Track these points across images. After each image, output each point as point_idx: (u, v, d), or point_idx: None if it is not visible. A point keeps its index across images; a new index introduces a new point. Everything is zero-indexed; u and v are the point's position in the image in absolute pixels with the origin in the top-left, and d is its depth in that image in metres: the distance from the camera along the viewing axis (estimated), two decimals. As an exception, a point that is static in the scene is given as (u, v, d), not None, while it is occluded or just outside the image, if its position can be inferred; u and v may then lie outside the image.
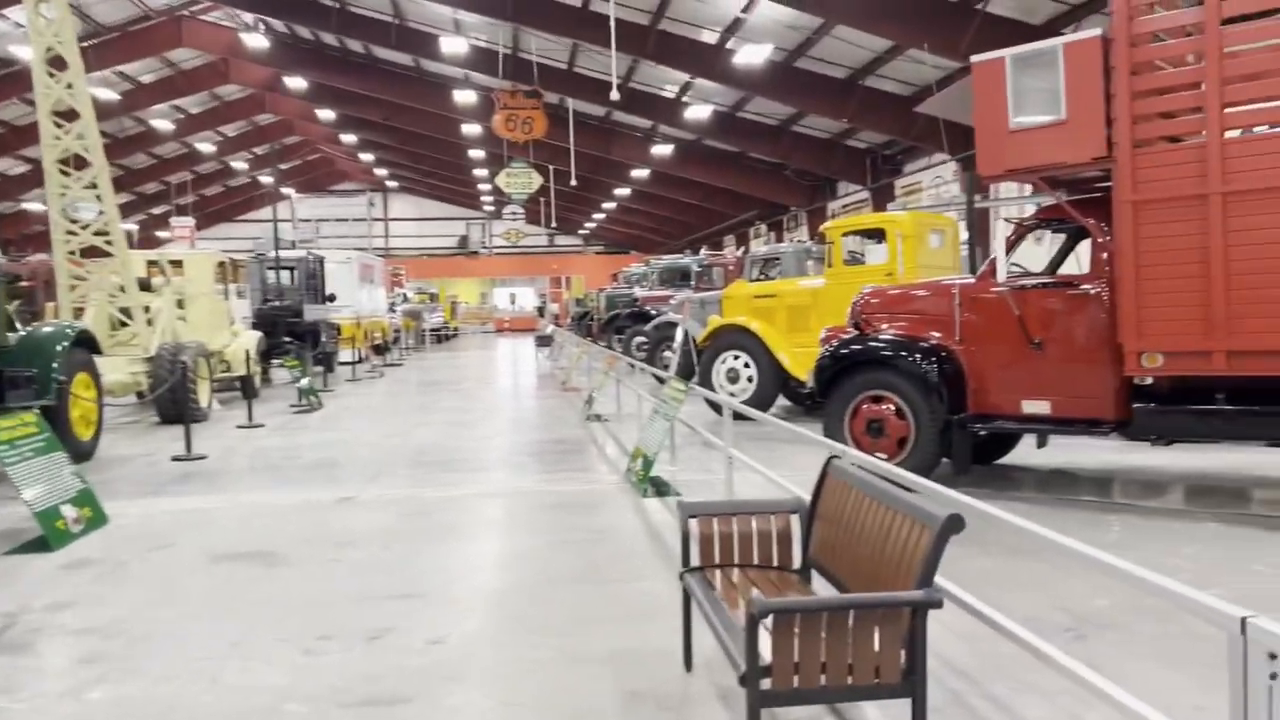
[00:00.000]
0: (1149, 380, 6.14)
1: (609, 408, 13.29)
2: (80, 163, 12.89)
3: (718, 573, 3.92)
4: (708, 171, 34.78)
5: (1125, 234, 6.07)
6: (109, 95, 33.29)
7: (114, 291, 13.45)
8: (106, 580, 5.63)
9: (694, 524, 4.00)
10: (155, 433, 12.42)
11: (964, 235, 13.60)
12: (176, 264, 16.15)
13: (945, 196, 26.06)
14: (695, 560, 3.98)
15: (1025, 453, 8.55)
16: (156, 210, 51.77)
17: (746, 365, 12.35)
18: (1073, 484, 7.75)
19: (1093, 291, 6.53)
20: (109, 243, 13.09)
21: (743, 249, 39.85)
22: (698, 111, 26.39)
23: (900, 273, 11.16)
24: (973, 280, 7.35)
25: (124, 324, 14.02)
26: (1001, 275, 6.63)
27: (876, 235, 11.75)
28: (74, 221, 12.90)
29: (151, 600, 5.22)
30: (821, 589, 3.82)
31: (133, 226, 50.15)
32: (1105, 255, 6.47)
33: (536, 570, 5.61)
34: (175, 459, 10.16)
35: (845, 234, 11.79)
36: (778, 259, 16.92)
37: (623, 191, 42.63)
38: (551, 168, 36.42)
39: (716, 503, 4.13)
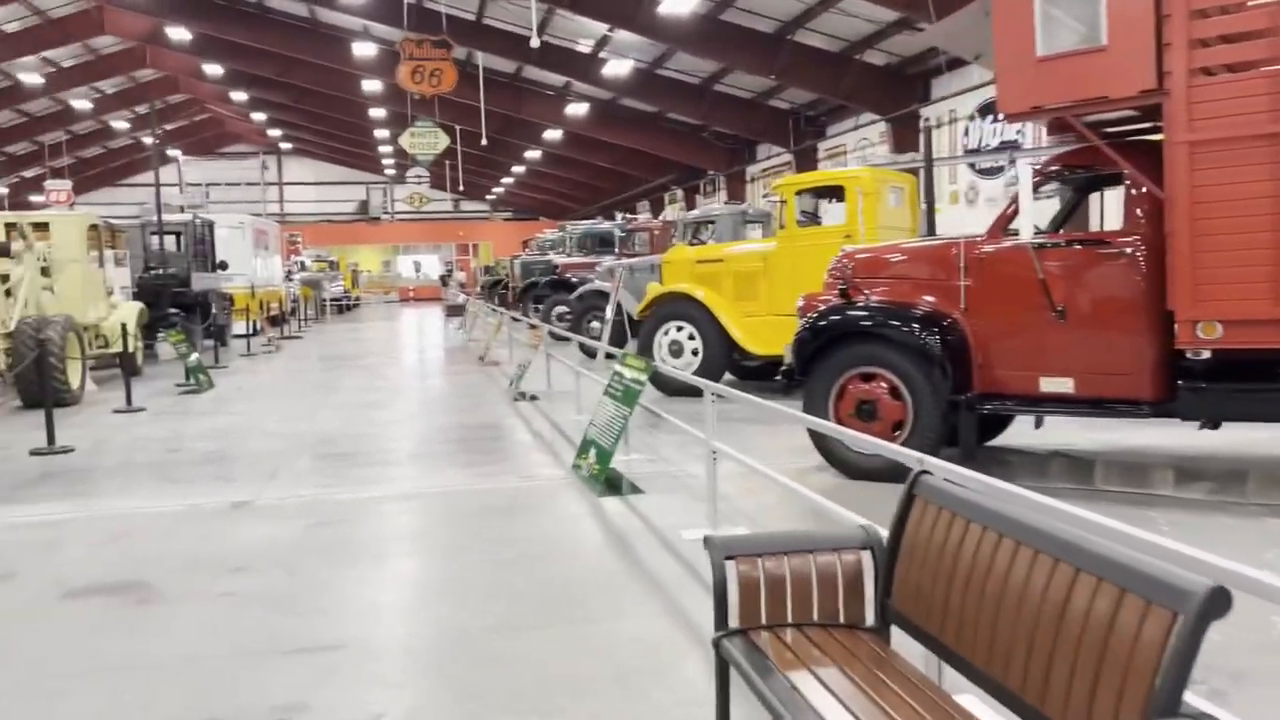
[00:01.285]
0: (1204, 354, 5.24)
1: (538, 384, 12.10)
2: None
3: (765, 635, 2.82)
4: (623, 133, 33.50)
5: (1179, 181, 5.14)
6: (-34, 44, 30.31)
7: (-38, 258, 11.63)
8: (-87, 634, 4.26)
9: (732, 567, 2.88)
10: (15, 420, 10.75)
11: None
12: (40, 227, 14.24)
13: (872, 160, 25.39)
14: (734, 616, 2.87)
15: (1015, 434, 7.70)
16: (28, 173, 48.05)
17: (691, 337, 11.28)
18: (1080, 470, 6.89)
19: (1130, 251, 5.61)
20: (-48, 200, 11.25)
21: (664, 213, 38.78)
22: (616, 67, 25.07)
23: (861, 233, 10.21)
24: (980, 237, 6.37)
25: (-22, 295, 12.20)
26: (1027, 231, 5.65)
27: (834, 193, 10.75)
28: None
29: (-29, 664, 3.89)
30: (905, 648, 2.77)
31: (1, 190, 46.47)
32: (1142, 209, 5.56)
33: (482, 605, 4.43)
34: (34, 453, 8.61)
35: (799, 192, 10.77)
36: (712, 222, 15.91)
37: (533, 154, 41.02)
38: (459, 128, 34.63)
39: (760, 538, 3.04)
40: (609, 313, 14.81)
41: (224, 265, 21.81)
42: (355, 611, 4.39)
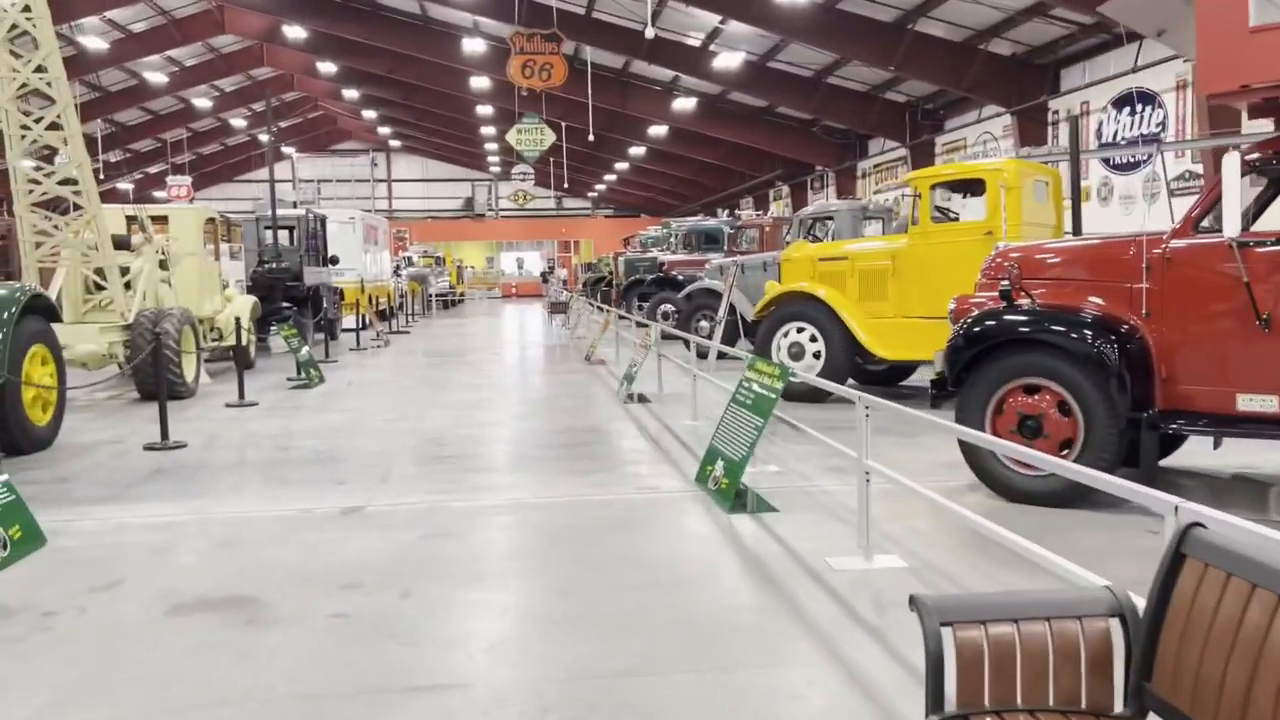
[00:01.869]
0: None
1: (649, 385, 11.66)
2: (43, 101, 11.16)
3: (993, 722, 2.28)
4: (729, 128, 32.89)
5: None
6: (98, 45, 31.48)
7: (87, 250, 11.76)
8: (12, 649, 4.01)
9: (949, 634, 2.34)
10: (132, 412, 10.81)
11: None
12: (160, 220, 14.43)
13: (990, 156, 24.23)
14: (950, 698, 2.33)
15: (1189, 453, 6.91)
16: (152, 169, 49.93)
17: (813, 339, 10.67)
18: (1263, 497, 6.10)
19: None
20: (78, 193, 11.38)
21: (770, 209, 38.02)
22: (727, 60, 24.48)
23: (1004, 230, 9.46)
24: (1162, 234, 5.64)
25: (100, 287, 12.37)
26: (1234, 227, 4.92)
27: (972, 187, 10.01)
28: (37, 169, 11.19)
29: (70, 688, 3.60)
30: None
31: (127, 186, 48.39)
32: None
33: (613, 642, 3.96)
34: (148, 447, 8.54)
35: (935, 185, 10.06)
36: (829, 218, 15.24)
37: (637, 151, 40.70)
38: (564, 124, 34.53)
39: (983, 601, 2.50)
40: (721, 312, 14.26)
41: (335, 260, 22.03)
42: (476, 645, 3.98)
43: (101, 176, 41.92)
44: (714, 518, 5.85)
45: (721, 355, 10.98)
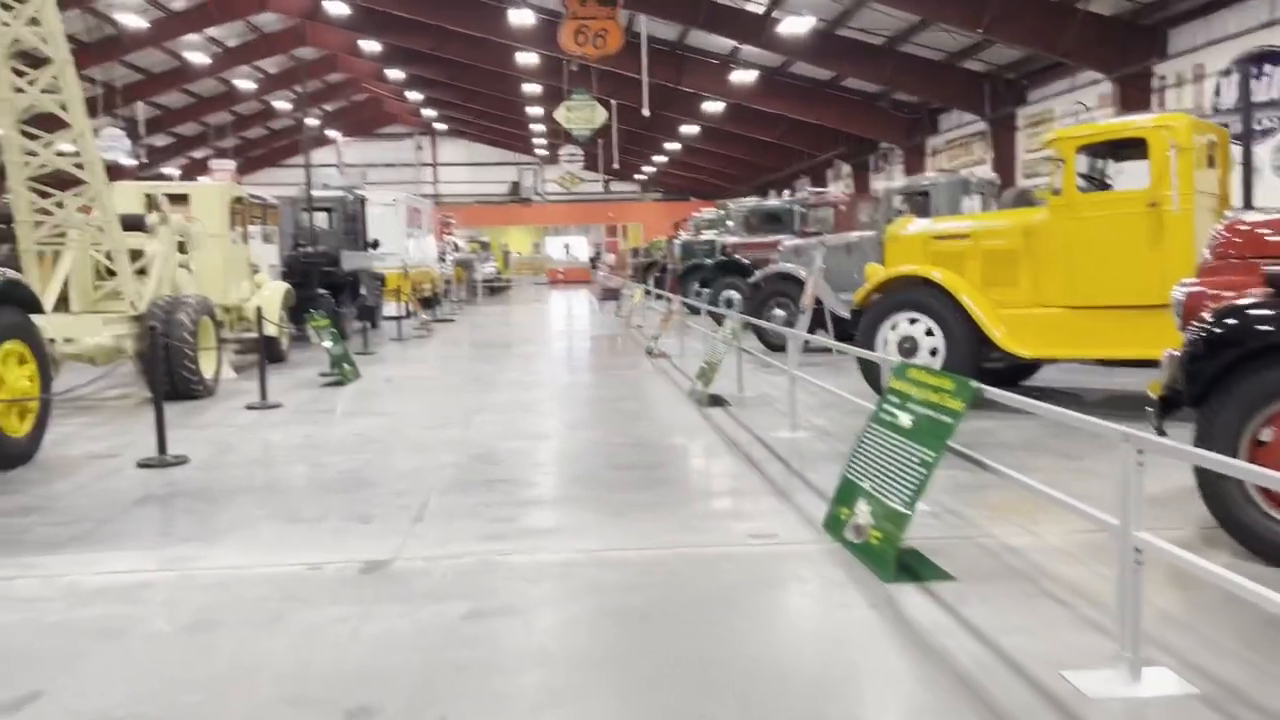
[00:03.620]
0: None
1: (726, 385, 10.07)
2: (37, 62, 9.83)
3: None
4: (789, 103, 31.06)
5: None
6: (139, 23, 30.49)
7: (95, 231, 10.41)
8: None
9: None
10: (139, 416, 9.43)
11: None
12: (179, 199, 13.10)
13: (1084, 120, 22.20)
14: None
15: None
16: (197, 154, 49.17)
17: (929, 332, 8.99)
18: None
19: None
20: (79, 165, 10.03)
21: (830, 188, 36.10)
22: (793, 26, 22.66)
23: (1174, 200, 7.71)
24: None
25: (111, 273, 11.05)
26: None
27: (1130, 148, 8.25)
28: (32, 138, 9.84)
29: None
30: None
31: (174, 171, 47.66)
32: None
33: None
34: (142, 464, 7.14)
35: (1082, 148, 8.31)
36: (924, 193, 13.52)
37: (689, 130, 38.97)
38: (615, 102, 32.91)
39: None
40: (805, 300, 12.62)
41: (376, 244, 20.68)
42: None
43: (144, 160, 41.19)
44: (866, 590, 4.24)
45: (811, 347, 9.31)
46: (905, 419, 4.66)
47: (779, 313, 14.58)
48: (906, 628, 3.82)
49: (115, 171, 30.52)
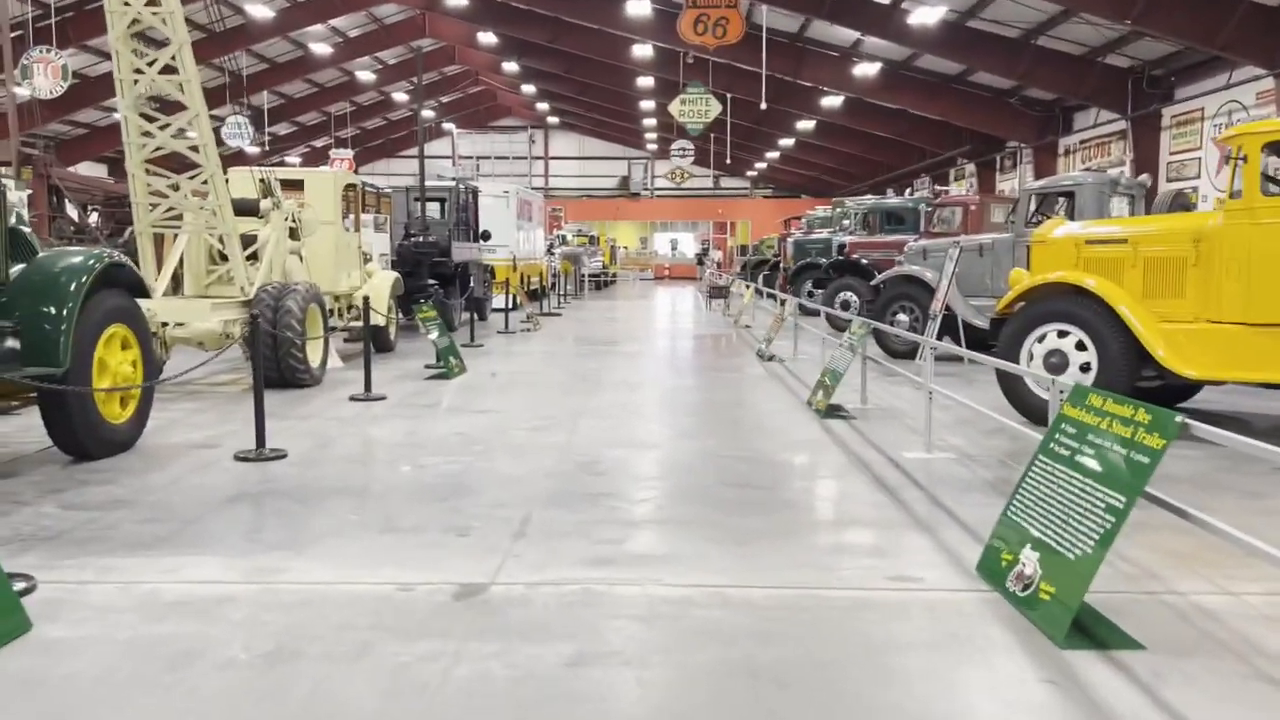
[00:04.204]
0: None
1: (847, 395, 9.40)
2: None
3: None
4: (913, 98, 29.84)
5: None
6: (265, 12, 31.16)
7: (210, 215, 10.35)
8: None
9: None
10: (243, 403, 9.26)
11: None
12: (293, 185, 13.05)
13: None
14: None
15: None
16: (317, 143, 50.40)
17: (1081, 346, 8.14)
18: None
19: None
20: (194, 149, 9.95)
21: (949, 188, 34.67)
22: (923, 16, 21.61)
23: (1384, 207, 6.72)
24: None
25: (225, 257, 11.01)
26: None
27: (1330, 146, 7.26)
28: (150, 120, 9.80)
29: None
30: None
31: (295, 159, 48.91)
32: None
33: None
34: (239, 457, 6.89)
35: (1270, 144, 7.35)
36: (1069, 194, 12.52)
37: (805, 125, 37.93)
38: (730, 95, 32.23)
39: None
40: (934, 305, 11.80)
41: (486, 235, 20.54)
42: None
43: (267, 148, 42.32)
44: (1039, 657, 3.57)
45: (951, 355, 8.58)
46: (1087, 455, 3.96)
47: (902, 317, 13.76)
48: (1096, 712, 3.15)
49: (237, 158, 31.41)
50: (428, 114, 53.00)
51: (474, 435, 7.90)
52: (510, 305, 20.19)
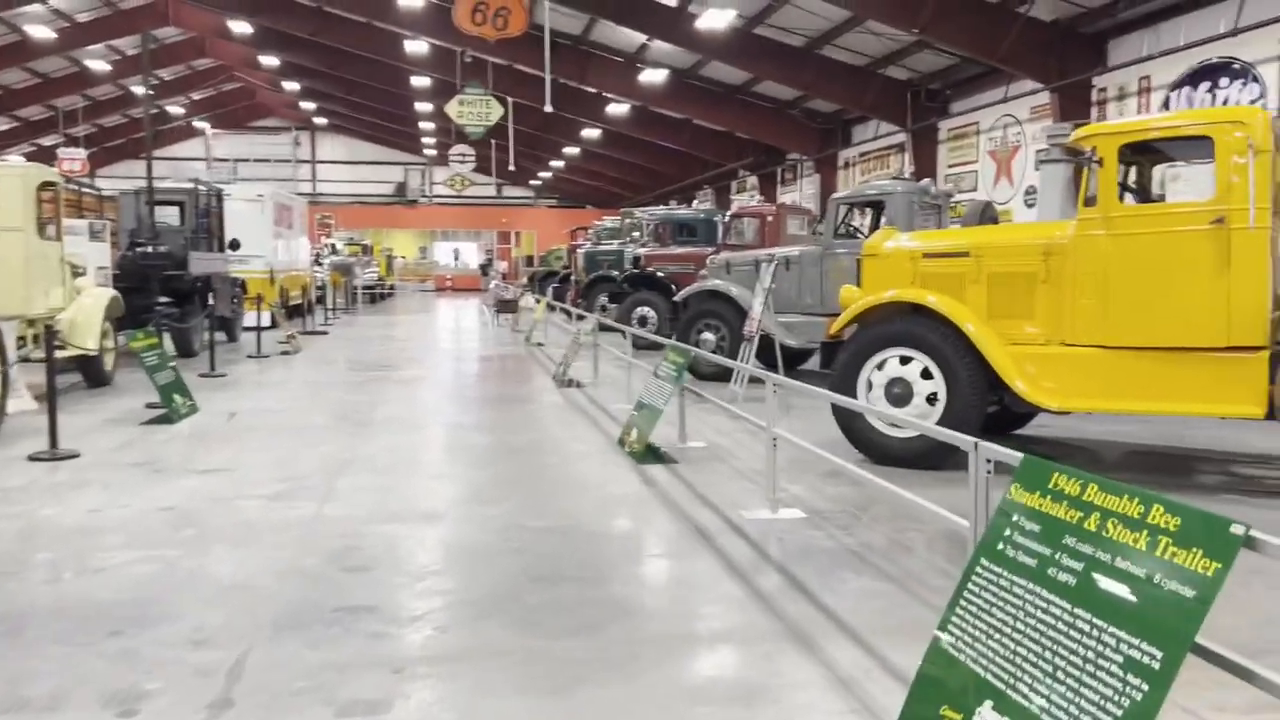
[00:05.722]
0: None
1: (665, 430, 8.05)
2: None
3: None
4: (699, 108, 29.36)
5: None
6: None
7: None
8: None
9: None
10: None
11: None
12: (-41, 181, 10.35)
13: (1012, 143, 21.09)
14: None
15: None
16: (45, 141, 44.61)
17: (927, 374, 7.14)
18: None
19: None
20: None
21: (733, 202, 34.53)
22: (712, 20, 20.85)
23: (1252, 216, 6.04)
24: None
25: None
26: None
27: (1188, 149, 6.58)
28: None
29: None
30: None
31: (18, 159, 42.97)
32: None
33: None
34: None
35: (1126, 145, 6.59)
36: (878, 204, 11.81)
37: (590, 134, 36.92)
38: (511, 100, 30.64)
39: None
40: (749, 326, 10.68)
41: (235, 244, 17.93)
42: None
43: (-22, 145, 36.78)
44: None
45: (773, 380, 7.38)
46: (1078, 576, 2.68)
47: (708, 336, 12.63)
48: None
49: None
50: (177, 110, 48.13)
51: (187, 511, 5.92)
52: (267, 324, 17.68)
